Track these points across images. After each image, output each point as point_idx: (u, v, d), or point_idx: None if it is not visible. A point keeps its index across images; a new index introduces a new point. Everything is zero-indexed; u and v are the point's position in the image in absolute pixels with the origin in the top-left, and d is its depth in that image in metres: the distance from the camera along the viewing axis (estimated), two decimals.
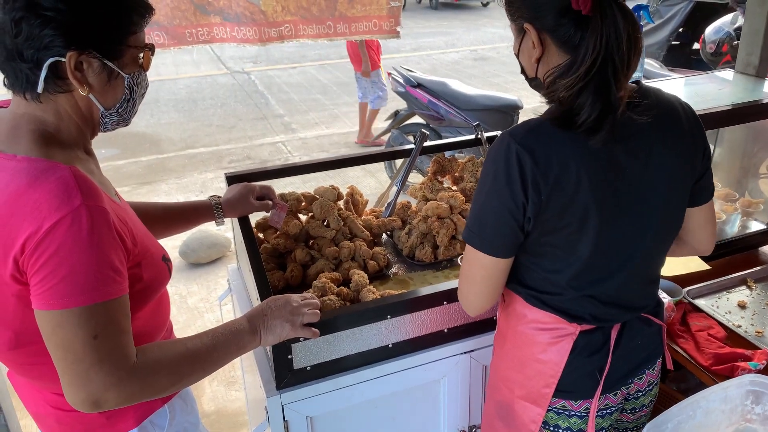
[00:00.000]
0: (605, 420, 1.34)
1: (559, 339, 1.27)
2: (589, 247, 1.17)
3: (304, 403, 1.47)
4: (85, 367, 1.02)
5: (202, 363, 1.19)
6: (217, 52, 11.37)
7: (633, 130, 1.15)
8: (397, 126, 5.05)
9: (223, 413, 2.92)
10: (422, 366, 1.57)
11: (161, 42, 2.35)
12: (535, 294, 1.27)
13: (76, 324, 1.00)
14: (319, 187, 1.94)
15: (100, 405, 1.05)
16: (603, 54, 1.04)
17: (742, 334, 1.72)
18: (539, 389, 1.30)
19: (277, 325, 1.31)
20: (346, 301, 1.60)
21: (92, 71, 1.09)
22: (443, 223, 1.88)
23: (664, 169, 1.20)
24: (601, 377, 1.27)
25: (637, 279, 1.29)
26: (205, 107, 8.17)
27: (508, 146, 1.11)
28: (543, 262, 1.23)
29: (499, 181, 1.13)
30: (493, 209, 1.16)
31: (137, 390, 1.08)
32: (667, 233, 1.29)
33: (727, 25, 5.30)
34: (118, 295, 1.05)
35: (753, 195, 2.30)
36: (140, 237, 1.18)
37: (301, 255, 1.79)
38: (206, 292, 3.92)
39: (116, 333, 1.05)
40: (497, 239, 1.18)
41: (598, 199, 1.13)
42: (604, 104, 1.06)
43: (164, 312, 1.34)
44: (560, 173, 1.10)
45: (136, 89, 1.18)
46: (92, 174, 1.14)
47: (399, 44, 11.52)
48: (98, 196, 1.04)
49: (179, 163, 6.23)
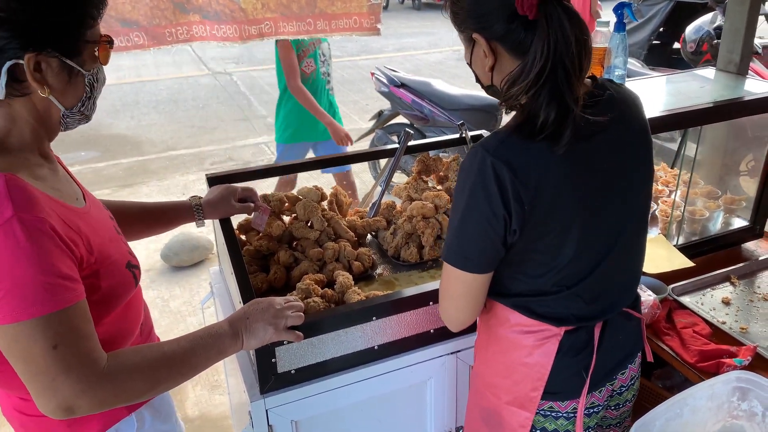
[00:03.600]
0: (592, 419, 1.33)
1: (544, 341, 1.25)
2: (573, 248, 1.16)
3: (288, 407, 1.44)
4: (51, 377, 0.99)
5: (179, 367, 1.16)
6: (198, 53, 11.28)
7: (601, 125, 1.13)
8: (381, 126, 5.02)
9: (207, 418, 2.88)
10: (408, 368, 1.55)
11: (140, 42, 2.31)
12: (519, 301, 1.25)
13: (31, 336, 0.97)
14: (302, 188, 1.92)
15: (73, 411, 1.02)
16: (553, 57, 1.03)
17: (726, 330, 1.72)
18: (527, 393, 1.28)
19: (259, 328, 1.28)
20: (330, 303, 1.58)
21: (51, 71, 1.05)
22: (428, 223, 1.86)
23: (633, 160, 1.21)
24: (587, 376, 1.27)
25: (620, 273, 1.29)
26: (186, 108, 8.08)
27: (483, 160, 1.08)
28: (527, 270, 1.21)
29: (477, 197, 1.10)
30: (472, 226, 1.13)
31: (110, 395, 1.05)
32: (641, 222, 1.30)
33: (706, 24, 5.36)
34: (73, 302, 1.01)
35: (734, 192, 2.32)
36: (99, 244, 1.14)
37: (285, 257, 1.77)
38: (189, 295, 3.87)
39: (78, 340, 1.02)
40: (478, 256, 1.15)
41: (580, 200, 1.13)
42: (559, 106, 1.05)
43: (133, 318, 1.30)
44: (540, 180, 1.08)
45: (97, 86, 1.15)
46: (43, 180, 1.10)
47: (382, 45, 11.52)
48: (34, 206, 1.00)
49: (161, 165, 6.15)
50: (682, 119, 1.86)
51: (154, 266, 4.23)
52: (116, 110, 8.07)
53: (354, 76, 9.60)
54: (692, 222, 2.20)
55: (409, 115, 4.76)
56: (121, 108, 8.17)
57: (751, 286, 1.95)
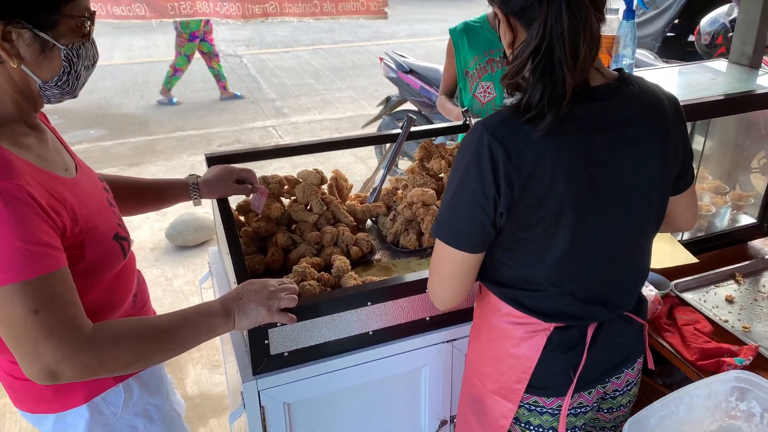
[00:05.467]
0: (579, 419, 1.30)
1: (533, 334, 1.23)
2: (565, 241, 1.12)
3: (281, 389, 1.43)
4: (33, 341, 1.00)
5: (167, 342, 1.16)
6: None
7: (615, 120, 1.11)
8: (388, 112, 4.99)
9: (206, 396, 2.89)
10: (403, 354, 1.54)
11: (142, 14, 2.28)
12: (509, 292, 1.23)
13: (12, 301, 0.98)
14: (302, 171, 1.90)
15: (57, 376, 1.03)
16: (548, 39, 1.00)
17: (728, 329, 1.69)
18: (511, 384, 1.26)
19: (252, 309, 1.27)
20: (326, 287, 1.57)
21: (23, 42, 1.04)
22: (428, 209, 1.84)
23: (649, 160, 1.16)
24: (575, 375, 1.24)
25: (618, 275, 1.24)
26: (195, 90, 8.07)
27: (480, 137, 1.07)
28: (517, 257, 1.18)
29: (471, 174, 1.08)
30: (463, 203, 1.11)
31: (95, 363, 1.06)
32: (649, 226, 1.25)
33: (722, 16, 5.25)
34: (53, 269, 1.02)
35: (743, 188, 2.28)
36: (86, 215, 1.14)
37: (283, 239, 1.75)
38: (192, 275, 3.88)
39: (61, 306, 1.02)
40: (467, 234, 1.13)
41: (574, 193, 1.08)
42: (545, 89, 1.02)
43: (123, 290, 1.31)
44: (534, 166, 1.05)
45: (78, 61, 1.12)
46: (28, 149, 1.10)
47: (394, 30, 11.43)
48: (12, 174, 1.00)
49: (168, 145, 6.15)
50: (691, 112, 1.81)
51: (159, 245, 4.24)
52: (126, 90, 8.07)
53: (364, 61, 9.54)
54: (698, 217, 2.16)
55: (416, 101, 4.71)
56: (131, 88, 8.17)
57: (756, 284, 1.92)
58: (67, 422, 1.27)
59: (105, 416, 1.29)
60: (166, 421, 1.41)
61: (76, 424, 1.27)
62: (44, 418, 1.28)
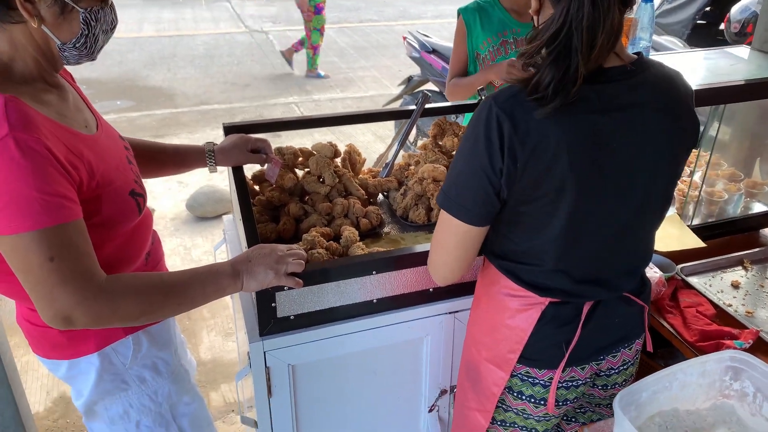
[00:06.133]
0: (570, 392, 1.33)
1: (528, 307, 1.25)
2: (563, 219, 1.14)
3: (286, 351, 1.49)
4: (49, 287, 1.05)
5: (175, 296, 1.21)
6: (237, 10, 11.29)
7: (625, 103, 1.11)
8: (409, 92, 4.99)
9: (218, 362, 2.98)
10: (406, 323, 1.58)
11: None
12: (507, 265, 1.26)
13: (28, 248, 1.03)
14: (316, 143, 1.94)
15: (71, 322, 1.09)
16: (567, 26, 1.01)
17: (731, 313, 1.70)
18: (504, 354, 1.30)
19: (260, 272, 1.32)
20: (334, 256, 1.61)
21: (44, 3, 1.08)
22: (438, 185, 1.86)
23: (656, 147, 1.16)
24: (567, 350, 1.26)
25: (616, 257, 1.26)
26: (221, 64, 8.15)
27: (489, 110, 1.09)
28: (517, 231, 1.21)
29: (479, 145, 1.10)
30: (470, 173, 1.13)
31: (106, 311, 1.11)
32: (652, 214, 1.25)
33: (753, 4, 5.12)
34: (70, 219, 1.07)
35: (763, 176, 2.25)
36: (103, 170, 1.19)
37: (295, 209, 1.80)
38: (210, 245, 3.96)
39: (76, 255, 1.07)
40: (472, 205, 1.15)
41: (576, 171, 1.09)
42: (558, 75, 1.03)
43: (138, 246, 1.36)
44: (539, 141, 1.07)
45: (96, 25, 1.16)
46: (48, 105, 1.14)
47: (420, 11, 11.34)
48: (30, 127, 1.04)
49: (192, 118, 6.24)
50: (708, 96, 1.80)
51: (180, 215, 4.34)
52: (153, 62, 8.17)
53: (389, 41, 9.51)
54: (710, 203, 2.16)
55: (438, 81, 4.70)
56: (159, 60, 8.27)
57: (764, 271, 1.91)
58: (79, 368, 1.35)
59: (115, 365, 1.36)
60: (173, 375, 1.47)
61: (87, 370, 1.34)
62: (59, 364, 1.35)
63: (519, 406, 1.34)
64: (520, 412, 1.34)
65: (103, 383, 1.36)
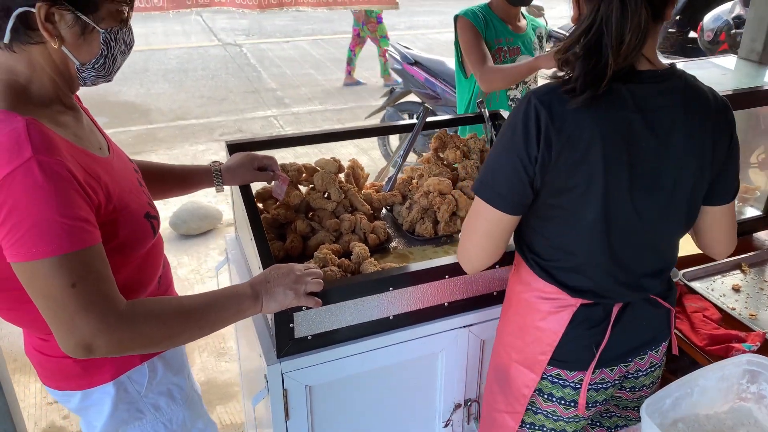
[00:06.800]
0: (600, 394, 1.36)
1: (560, 309, 1.29)
2: (594, 211, 1.18)
3: (303, 372, 1.47)
4: (70, 314, 1.02)
5: (196, 321, 1.19)
6: (209, 23, 11.21)
7: (656, 105, 1.16)
8: (392, 104, 5.01)
9: (213, 384, 2.93)
10: (422, 339, 1.57)
11: (160, 5, 2.30)
12: (540, 261, 1.29)
13: (50, 274, 1.01)
14: (320, 159, 1.93)
15: (92, 350, 1.06)
16: (597, 23, 1.08)
17: (736, 316, 1.74)
18: (535, 356, 1.32)
19: (280, 292, 1.30)
20: (346, 273, 1.60)
21: (65, 24, 1.06)
22: (444, 198, 1.87)
23: (683, 152, 1.19)
24: (597, 351, 1.29)
25: (645, 258, 1.29)
26: (195, 78, 8.07)
27: (528, 102, 1.15)
28: (549, 226, 1.25)
29: (517, 134, 1.15)
30: (507, 162, 1.18)
31: (127, 338, 1.08)
32: (676, 220, 1.28)
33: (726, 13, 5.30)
34: (90, 244, 1.05)
35: (745, 182, 2.32)
36: (119, 193, 1.17)
37: (302, 226, 1.78)
38: (197, 263, 3.90)
39: (96, 280, 1.05)
40: (507, 193, 1.19)
41: (608, 165, 1.14)
42: (589, 68, 1.10)
43: (152, 269, 1.34)
44: (573, 132, 1.12)
45: (115, 45, 1.15)
46: (65, 127, 1.12)
47: (394, 22, 11.41)
48: (53, 150, 1.02)
49: (169, 134, 6.15)
50: None
51: (163, 233, 4.24)
52: (125, 77, 8.04)
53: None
54: None
55: (421, 93, 4.74)
56: (131, 75, 8.15)
57: (761, 274, 1.96)
58: (93, 399, 1.31)
59: (129, 394, 1.33)
60: (188, 401, 1.44)
61: (101, 401, 1.31)
62: (71, 395, 1.31)
63: (549, 408, 1.36)
64: (550, 414, 1.36)
65: (119, 413, 1.33)
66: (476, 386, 1.73)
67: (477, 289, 1.60)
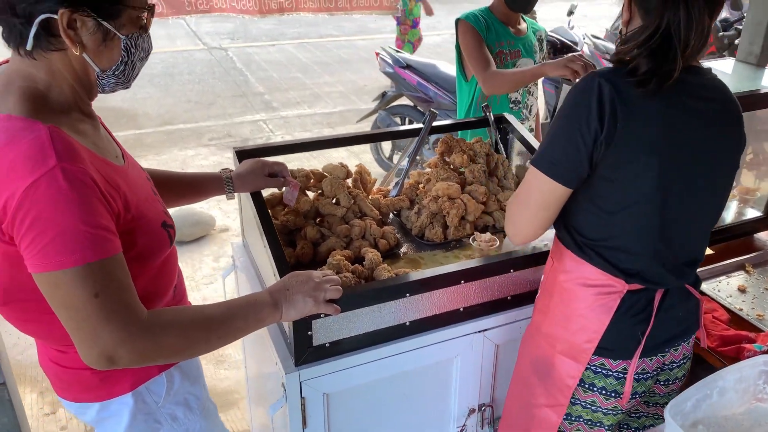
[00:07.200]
0: (640, 385, 1.38)
1: (606, 296, 1.31)
2: (646, 186, 1.22)
3: (321, 380, 1.46)
4: (93, 324, 1.01)
5: (217, 330, 1.18)
6: (193, 28, 11.10)
7: (703, 96, 1.25)
8: (384, 107, 5.00)
9: (213, 392, 2.87)
10: (437, 344, 1.57)
11: (160, 11, 2.28)
12: (590, 243, 1.31)
13: (73, 284, 0.99)
14: (327, 165, 1.92)
15: (114, 361, 1.04)
16: (664, 29, 1.16)
17: (744, 317, 1.76)
18: (581, 344, 1.34)
19: (299, 300, 1.29)
20: (360, 279, 1.59)
21: (86, 30, 1.06)
22: (453, 203, 1.87)
23: (722, 140, 1.28)
24: (643, 337, 1.32)
25: (686, 244, 1.34)
26: (182, 83, 7.98)
27: (593, 79, 1.21)
28: (599, 202, 1.27)
29: (576, 109, 1.21)
30: (565, 134, 1.23)
31: (150, 348, 1.07)
32: (710, 208, 1.35)
33: None
34: (114, 253, 1.04)
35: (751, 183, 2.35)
36: (136, 202, 1.16)
37: (312, 232, 1.77)
38: (191, 270, 3.85)
39: (119, 290, 1.04)
40: (564, 164, 1.24)
41: (667, 141, 1.21)
42: (656, 67, 1.18)
43: (168, 278, 1.33)
44: (637, 108, 1.19)
45: (135, 51, 1.14)
46: (84, 135, 1.11)
47: (379, 25, 11.41)
48: (76, 157, 1.01)
49: (157, 139, 6.08)
50: None
51: None
52: None
53: (351, 56, 9.53)
54: None
55: (413, 96, 4.74)
56: None
57: (765, 274, 1.99)
58: (110, 410, 1.29)
59: (147, 405, 1.31)
60: (204, 411, 1.43)
61: (119, 412, 1.29)
62: (88, 407, 1.29)
63: (589, 398, 1.38)
64: (589, 404, 1.38)
65: (137, 424, 1.31)
66: (490, 391, 1.73)
67: (492, 294, 1.60)
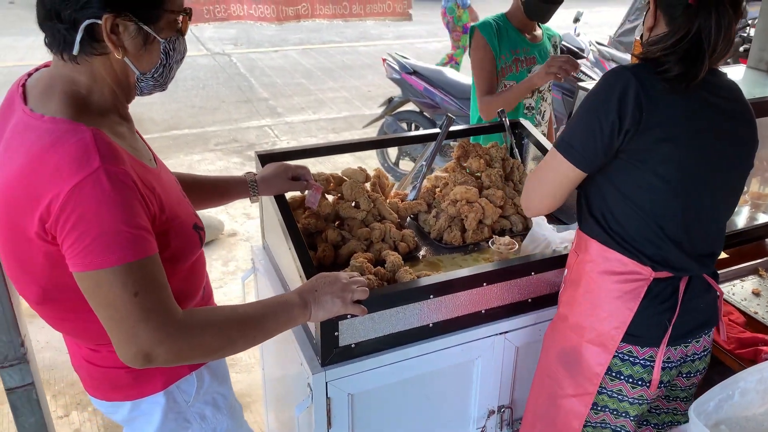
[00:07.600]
0: (665, 374, 1.40)
1: (633, 283, 1.35)
2: (670, 174, 1.27)
3: (347, 381, 1.47)
4: (132, 323, 1.03)
5: (251, 329, 1.20)
6: (195, 33, 11.15)
7: (723, 94, 1.32)
8: (390, 113, 5.04)
9: None
10: (459, 346, 1.59)
11: None
12: (616, 230, 1.35)
13: (114, 283, 1.01)
14: (347, 169, 1.94)
15: (151, 360, 1.06)
16: (693, 34, 1.24)
17: (759, 320, 1.79)
18: (608, 331, 1.37)
19: (327, 300, 1.31)
20: (383, 281, 1.61)
21: (128, 35, 1.09)
22: (472, 206, 1.89)
23: (739, 144, 1.35)
24: (670, 324, 1.35)
25: (705, 233, 1.38)
26: (186, 88, 8.01)
27: (620, 72, 1.28)
28: (625, 190, 1.32)
29: (599, 98, 1.28)
30: (585, 121, 1.30)
31: (186, 347, 1.09)
32: (726, 202, 1.40)
33: None
34: (152, 253, 1.06)
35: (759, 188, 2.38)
36: (170, 205, 1.18)
37: (333, 235, 1.79)
38: None
39: (157, 289, 1.06)
40: (580, 146, 1.30)
41: (692, 131, 1.27)
42: (683, 69, 1.25)
43: (198, 278, 1.35)
44: (663, 97, 1.26)
45: (173, 54, 1.18)
46: (122, 138, 1.14)
47: (381, 32, 11.48)
48: (118, 159, 1.04)
49: (163, 144, 6.10)
50: None
51: None
52: None
53: (354, 62, 9.58)
54: None
55: (419, 102, 4.77)
56: None
57: None
58: (141, 409, 1.30)
59: (178, 404, 1.33)
60: (231, 410, 1.45)
61: (151, 411, 1.30)
62: (120, 406, 1.31)
63: (615, 387, 1.40)
64: (615, 393, 1.41)
65: (168, 423, 1.32)
66: (510, 393, 1.74)
67: (513, 297, 1.62)
